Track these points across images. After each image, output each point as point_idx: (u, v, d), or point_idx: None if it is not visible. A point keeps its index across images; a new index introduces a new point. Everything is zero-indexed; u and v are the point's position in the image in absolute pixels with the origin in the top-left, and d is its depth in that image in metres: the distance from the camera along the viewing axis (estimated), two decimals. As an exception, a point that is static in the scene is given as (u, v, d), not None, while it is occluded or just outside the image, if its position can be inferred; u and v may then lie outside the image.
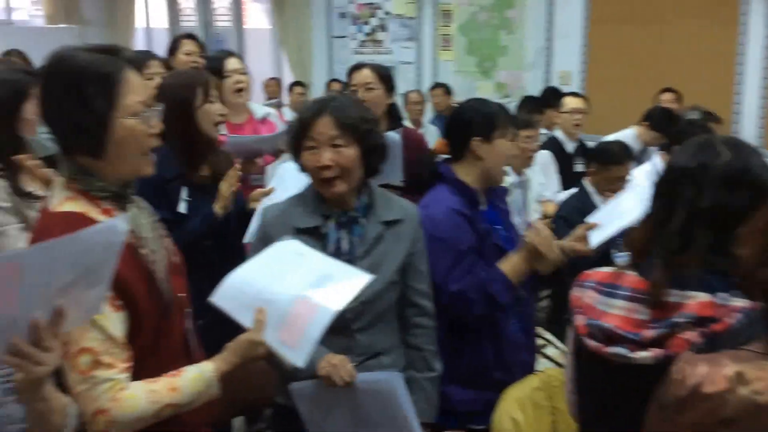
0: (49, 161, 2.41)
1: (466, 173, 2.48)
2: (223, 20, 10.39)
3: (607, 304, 1.55)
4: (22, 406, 1.53)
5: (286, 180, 2.73)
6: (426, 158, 3.15)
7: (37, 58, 5.03)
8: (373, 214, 2.17)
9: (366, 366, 2.11)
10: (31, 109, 2.43)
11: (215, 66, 3.49)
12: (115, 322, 1.58)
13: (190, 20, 10.63)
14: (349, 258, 2.08)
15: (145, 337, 1.65)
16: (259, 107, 3.81)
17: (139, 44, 10.81)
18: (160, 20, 10.94)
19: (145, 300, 1.63)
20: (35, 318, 1.34)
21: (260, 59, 9.62)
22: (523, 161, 4.31)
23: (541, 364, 2.88)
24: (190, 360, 1.73)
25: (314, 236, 2.11)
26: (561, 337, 3.01)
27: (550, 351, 3.14)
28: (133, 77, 1.61)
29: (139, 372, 1.62)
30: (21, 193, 2.43)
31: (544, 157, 4.90)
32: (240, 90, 3.54)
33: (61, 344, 1.41)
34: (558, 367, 2.74)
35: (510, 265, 2.33)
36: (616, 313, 1.52)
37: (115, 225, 1.41)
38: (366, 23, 8.61)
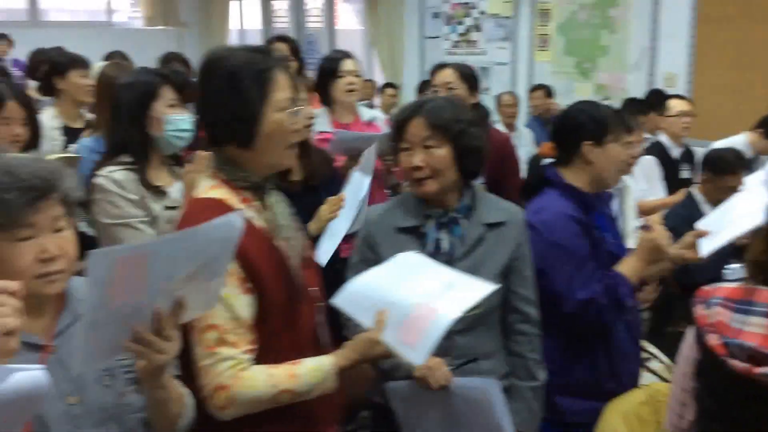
0: (174, 158, 2.67)
1: (575, 178, 2.44)
2: (315, 21, 10.41)
3: (743, 322, 1.52)
4: (142, 396, 1.61)
5: (352, 190, 2.82)
6: (532, 162, 3.09)
7: (136, 60, 5.10)
8: (475, 216, 2.17)
9: (463, 370, 2.09)
10: (159, 109, 2.55)
11: (331, 66, 3.60)
12: (243, 303, 1.69)
13: (282, 22, 10.71)
14: (449, 258, 2.09)
15: (273, 323, 1.74)
16: (366, 110, 3.88)
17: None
18: (254, 22, 11.06)
19: (275, 287, 1.74)
20: (158, 308, 1.42)
21: (352, 60, 9.58)
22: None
23: (645, 377, 2.78)
24: (320, 353, 1.80)
25: (414, 235, 2.15)
26: (664, 349, 2.93)
27: (654, 365, 3.02)
28: (282, 75, 1.75)
29: (266, 358, 1.71)
30: (149, 186, 2.53)
31: (648, 162, 4.71)
32: (351, 90, 3.60)
33: (180, 334, 1.49)
34: (663, 382, 2.65)
35: (627, 267, 2.31)
36: (755, 331, 1.50)
37: (233, 220, 1.46)
38: (460, 23, 8.44)
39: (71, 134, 3.85)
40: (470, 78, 3.43)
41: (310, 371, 1.72)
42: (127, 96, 2.58)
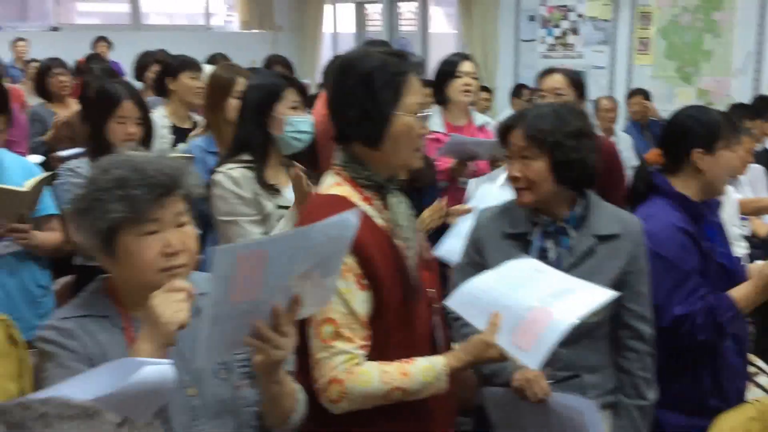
0: (293, 158, 2.70)
1: (684, 186, 2.36)
2: (408, 25, 10.43)
3: None
4: (255, 390, 1.64)
5: (486, 202, 2.75)
6: (639, 169, 2.99)
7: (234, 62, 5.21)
8: (586, 226, 2.11)
9: (566, 385, 2.05)
10: (281, 110, 2.62)
11: (450, 66, 3.67)
12: (359, 299, 1.72)
13: (376, 25, 10.77)
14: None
15: (388, 321, 1.76)
16: (479, 115, 3.92)
17: (326, 49, 11.09)
18: (348, 25, 11.15)
19: (391, 285, 1.75)
20: (276, 304, 1.45)
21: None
22: None
23: (753, 392, 2.66)
24: (435, 354, 1.80)
25: (520, 243, 2.12)
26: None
27: (762, 380, 2.90)
28: (414, 79, 1.78)
29: (380, 355, 1.73)
30: (264, 185, 2.59)
31: (755, 171, 4.52)
32: (467, 91, 3.64)
33: (296, 330, 1.51)
34: (773, 397, 2.55)
35: (741, 293, 2.23)
36: None
37: (349, 218, 1.48)
38: (556, 26, 8.31)
39: (180, 134, 3.96)
40: (579, 84, 3.39)
41: (423, 370, 1.73)
42: (253, 96, 2.67)
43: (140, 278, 1.53)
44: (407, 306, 1.80)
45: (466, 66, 3.64)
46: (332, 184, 1.82)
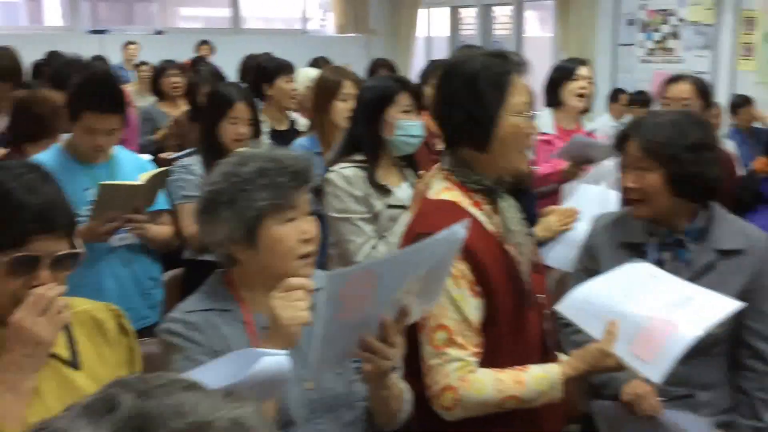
0: (405, 159, 2.78)
1: None
2: (502, 28, 10.35)
3: None
4: (365, 386, 1.70)
5: (590, 204, 2.75)
6: (747, 178, 2.90)
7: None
8: (707, 240, 2.04)
9: (678, 403, 2.00)
10: (393, 113, 2.67)
11: (567, 69, 3.68)
12: (472, 306, 1.71)
13: (469, 29, 10.74)
14: None
15: (500, 328, 1.75)
16: (588, 121, 3.92)
17: (419, 53, 11.13)
18: (442, 29, 11.17)
19: (503, 292, 1.74)
20: (384, 317, 1.48)
21: (539, 68, 9.44)
22: None
23: None
24: (547, 361, 1.79)
25: (636, 253, 2.07)
26: None
27: None
28: (519, 80, 1.77)
29: (492, 362, 1.72)
30: (375, 185, 2.66)
31: None
32: (582, 95, 3.64)
33: (403, 340, 1.55)
34: None
35: None
36: None
37: (456, 232, 1.49)
38: (656, 30, 8.09)
39: (278, 137, 4.05)
40: (706, 93, 3.26)
41: (537, 379, 1.71)
42: (367, 99, 2.74)
43: (280, 265, 1.59)
44: (519, 312, 1.78)
45: (583, 70, 3.65)
46: (441, 189, 1.82)
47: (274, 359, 1.32)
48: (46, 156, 2.78)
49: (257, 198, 1.56)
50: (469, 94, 1.74)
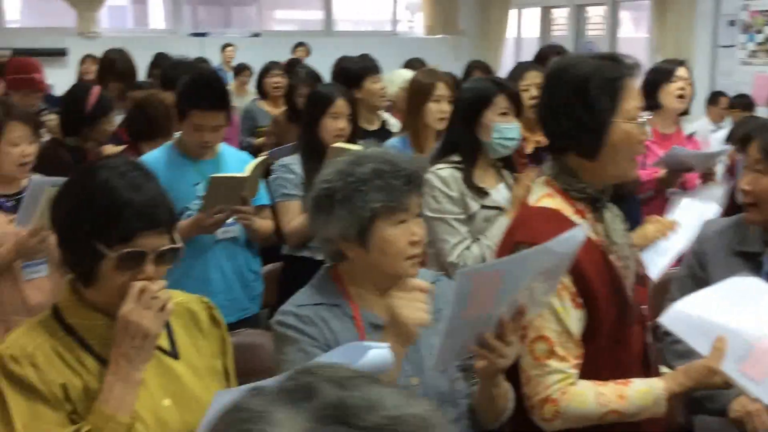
0: (503, 160, 2.78)
1: None
2: (595, 29, 10.18)
3: None
4: (467, 384, 1.73)
5: (690, 217, 2.68)
6: None
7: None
8: None
9: None
10: (490, 116, 2.67)
11: (665, 70, 3.60)
12: (573, 318, 1.68)
13: (561, 30, 10.60)
14: None
15: (601, 341, 1.71)
16: (688, 123, 3.91)
17: (508, 54, 11.05)
18: (532, 30, 11.06)
19: (606, 304, 1.70)
20: (503, 315, 1.50)
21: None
22: None
23: None
24: (648, 375, 1.75)
25: (750, 262, 1.99)
26: None
27: None
28: (632, 83, 1.71)
29: (593, 375, 1.69)
30: (471, 186, 2.67)
31: None
32: (681, 96, 3.57)
33: (519, 339, 1.57)
34: None
35: None
36: None
37: (576, 235, 1.51)
38: (759, 32, 7.80)
39: (369, 137, 4.09)
40: None
41: (640, 393, 1.67)
42: (464, 100, 2.77)
43: (390, 266, 1.64)
44: (621, 325, 1.74)
45: (682, 71, 3.58)
46: (543, 195, 1.77)
47: (379, 352, 1.36)
48: (157, 153, 2.93)
49: (371, 199, 1.59)
50: (580, 99, 1.67)
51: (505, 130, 2.67)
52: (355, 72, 4.26)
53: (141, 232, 1.43)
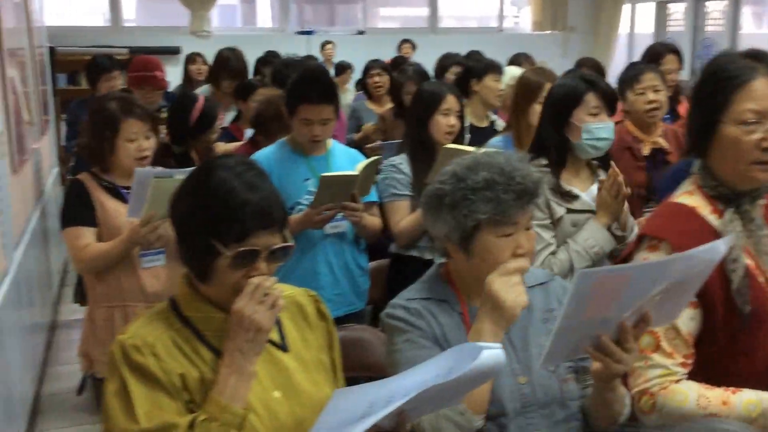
0: (600, 160, 2.66)
1: None
2: (714, 25, 9.75)
3: None
4: (579, 385, 1.72)
5: None
6: None
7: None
8: None
9: None
10: (580, 116, 2.55)
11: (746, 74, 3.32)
12: (685, 316, 1.63)
13: (677, 25, 10.21)
14: None
15: (719, 344, 1.66)
16: None
17: (620, 51, 10.75)
18: (646, 26, 10.71)
19: (722, 308, 1.64)
20: (624, 320, 1.46)
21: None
22: None
23: None
24: None
25: None
26: None
27: None
28: (755, 86, 1.62)
29: (711, 380, 1.64)
30: (557, 190, 2.55)
31: None
32: None
33: (638, 346, 1.53)
34: None
35: None
36: None
37: (717, 248, 1.45)
38: None
39: (477, 133, 4.07)
40: None
41: (746, 403, 1.59)
42: (553, 100, 2.64)
43: (488, 274, 1.60)
44: (748, 333, 1.66)
45: None
46: (683, 192, 1.76)
47: (493, 352, 1.34)
48: (270, 150, 2.98)
49: (478, 210, 1.59)
50: (698, 95, 1.69)
51: (595, 130, 2.53)
52: (480, 68, 4.25)
53: (256, 231, 1.46)
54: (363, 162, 2.90)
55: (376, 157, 3.06)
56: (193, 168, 2.41)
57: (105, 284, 2.67)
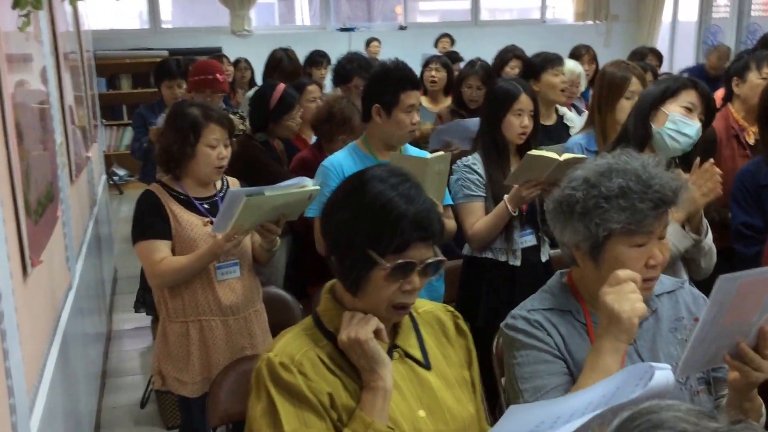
0: (682, 159, 2.55)
1: None
2: (761, 10, 9.50)
3: None
4: (711, 397, 1.66)
5: None
6: None
7: (566, 55, 5.07)
8: None
9: None
10: (671, 106, 2.48)
11: None
12: None
13: (722, 11, 9.97)
14: None
15: None
16: None
17: (663, 39, 10.53)
18: (689, 13, 10.48)
19: None
20: (765, 327, 1.42)
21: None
22: None
23: None
24: None
25: None
26: None
27: None
28: None
29: None
30: None
31: None
32: None
33: None
34: None
35: None
36: None
37: None
38: None
39: (544, 132, 3.93)
40: None
41: None
42: (650, 90, 2.58)
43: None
44: None
45: None
46: None
47: (664, 373, 1.27)
48: (342, 155, 2.91)
49: (611, 219, 1.53)
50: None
51: (682, 123, 2.45)
52: (536, 64, 4.10)
53: (414, 243, 1.45)
54: (435, 155, 2.79)
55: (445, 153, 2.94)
56: (284, 182, 2.41)
57: (179, 299, 2.59)
